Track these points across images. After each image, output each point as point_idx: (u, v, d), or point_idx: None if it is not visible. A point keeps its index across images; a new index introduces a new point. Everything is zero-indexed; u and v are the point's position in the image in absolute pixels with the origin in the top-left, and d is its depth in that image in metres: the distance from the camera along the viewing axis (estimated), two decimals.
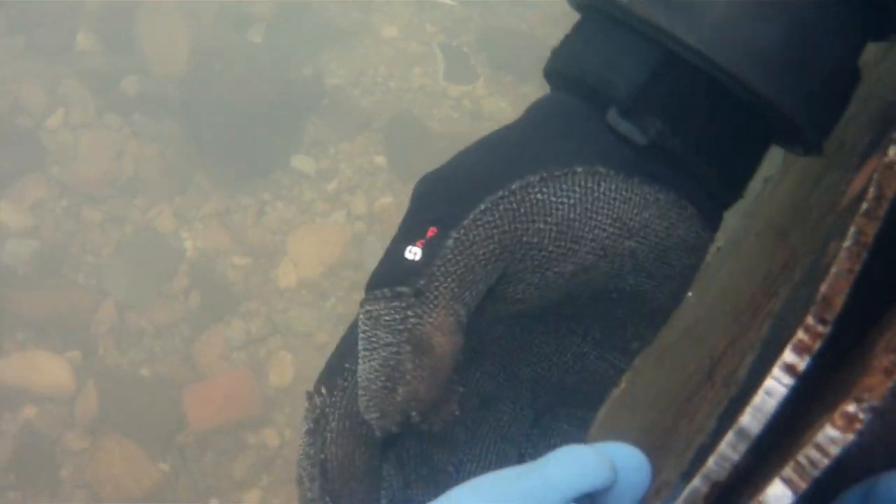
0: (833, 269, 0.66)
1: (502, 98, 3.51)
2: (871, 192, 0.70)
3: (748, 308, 1.00)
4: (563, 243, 0.91)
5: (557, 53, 1.04)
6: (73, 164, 3.40)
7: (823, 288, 0.66)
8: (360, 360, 0.86)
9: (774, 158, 1.45)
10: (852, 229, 0.68)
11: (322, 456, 0.84)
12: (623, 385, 1.87)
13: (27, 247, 3.21)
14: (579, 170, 0.90)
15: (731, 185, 0.97)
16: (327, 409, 0.84)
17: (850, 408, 0.60)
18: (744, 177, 0.97)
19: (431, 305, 0.84)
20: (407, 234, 0.87)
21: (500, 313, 0.93)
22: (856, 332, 0.73)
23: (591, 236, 0.91)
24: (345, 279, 3.08)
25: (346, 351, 0.88)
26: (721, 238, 1.71)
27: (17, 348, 3.04)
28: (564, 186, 0.89)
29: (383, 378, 0.83)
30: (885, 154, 0.72)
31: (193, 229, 3.24)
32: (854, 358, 0.71)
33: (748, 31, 0.88)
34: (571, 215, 0.89)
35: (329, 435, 0.85)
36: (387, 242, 2.47)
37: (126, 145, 3.43)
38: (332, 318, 3.01)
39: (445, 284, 0.86)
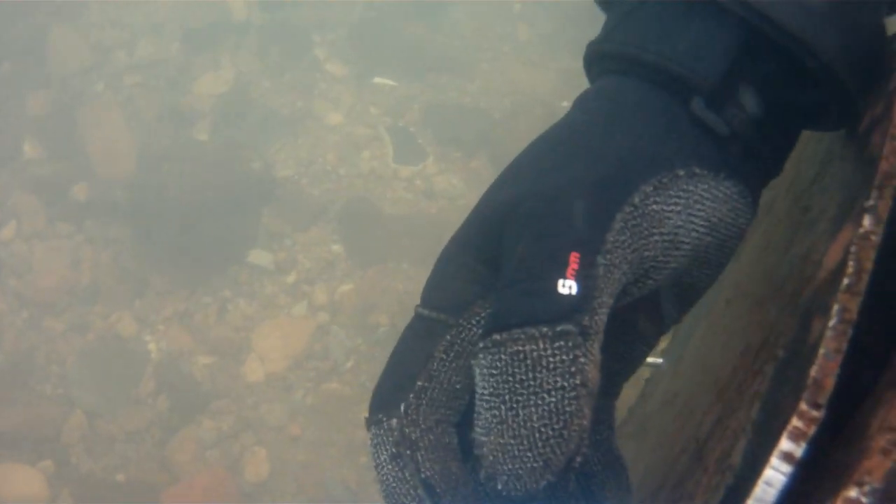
0: (821, 350, 0.70)
1: (453, 175, 3.65)
2: (851, 266, 0.75)
3: (731, 385, 1.06)
4: (669, 251, 0.98)
5: (614, 36, 1.10)
6: (30, 275, 3.52)
7: (814, 371, 0.73)
8: (506, 407, 0.87)
9: None
10: (836, 306, 0.71)
11: (423, 475, 0.83)
12: None
13: None
14: (681, 173, 0.95)
15: (777, 168, 1.06)
16: (407, 430, 0.83)
17: (852, 492, 0.63)
18: (786, 156, 1.06)
19: (592, 341, 0.88)
20: (543, 263, 0.86)
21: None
22: (846, 408, 0.76)
23: (688, 240, 0.96)
24: (311, 370, 3.20)
25: (400, 372, 0.88)
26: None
27: None
28: (672, 193, 0.94)
29: (559, 425, 0.82)
30: (861, 224, 0.77)
31: (156, 332, 3.36)
32: (850, 433, 0.75)
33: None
34: (678, 222, 0.95)
35: (420, 454, 0.84)
36: (350, 331, 2.64)
37: (80, 253, 3.56)
38: (303, 409, 3.13)
39: (601, 317, 0.90)
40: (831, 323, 0.73)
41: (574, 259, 0.82)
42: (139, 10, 4.18)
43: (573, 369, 0.80)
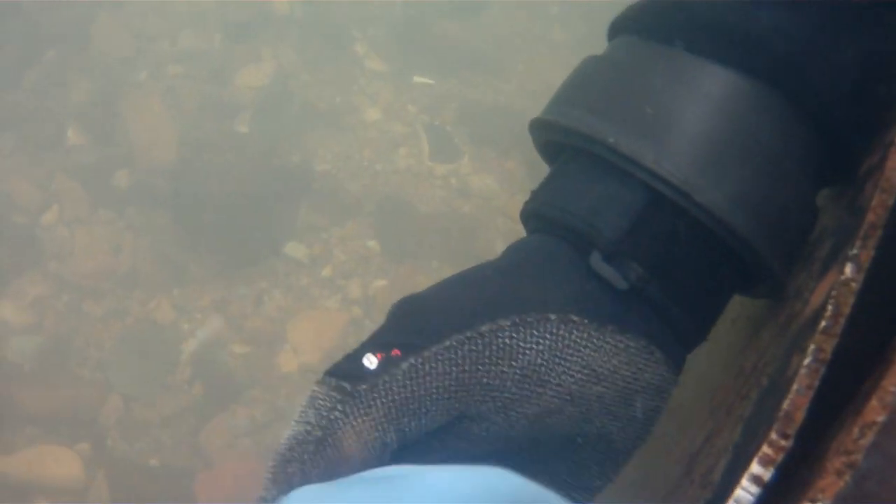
0: (794, 386, 0.79)
1: (488, 174, 3.68)
2: (830, 309, 0.83)
3: (722, 405, 1.12)
4: (527, 386, 1.02)
5: (538, 196, 1.18)
6: (71, 259, 3.56)
7: (786, 405, 0.80)
8: (290, 428, 1.03)
9: None
10: (811, 347, 0.81)
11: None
12: None
13: (31, 343, 3.37)
14: (552, 317, 1.02)
15: (698, 329, 1.11)
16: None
17: None
18: (710, 322, 1.12)
19: (361, 412, 0.97)
20: (374, 343, 1.03)
21: (466, 452, 1.05)
22: (817, 433, 0.85)
23: (557, 381, 1.03)
24: None
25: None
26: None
27: (27, 443, 3.18)
28: (536, 333, 1.01)
29: (286, 448, 0.96)
30: (843, 271, 0.85)
31: (193, 320, 3.39)
32: (813, 459, 0.81)
33: (727, 172, 1.03)
34: (539, 360, 1.01)
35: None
36: None
37: (121, 239, 3.60)
38: None
39: (383, 401, 0.98)
40: (806, 361, 0.82)
41: (396, 352, 1.00)
42: (182, 0, 4.21)
43: (323, 415, 0.99)
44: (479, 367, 0.99)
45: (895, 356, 0.81)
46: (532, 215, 1.19)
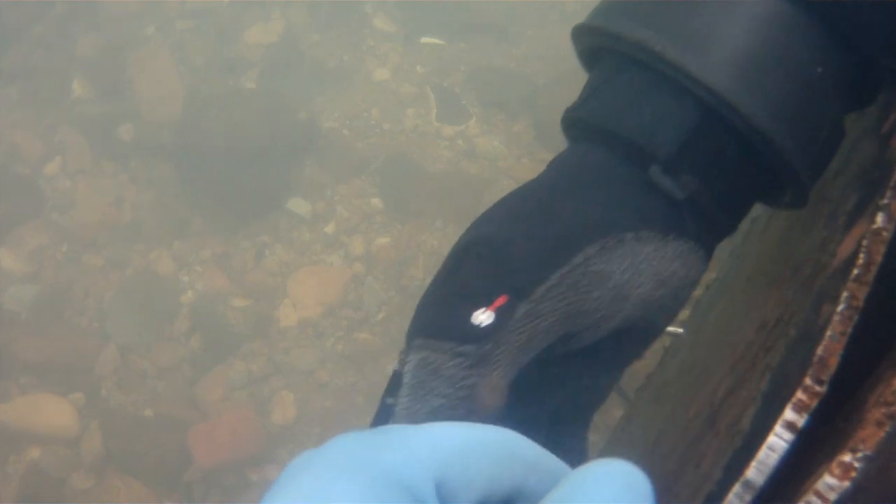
0: (828, 332, 0.76)
1: (495, 137, 3.64)
2: (862, 258, 0.80)
3: (745, 357, 1.09)
4: (615, 304, 1.04)
5: (587, 104, 1.17)
6: (73, 210, 3.54)
7: (820, 350, 0.75)
8: (406, 397, 0.98)
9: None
10: (845, 294, 0.78)
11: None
12: (619, 422, 1.99)
13: (29, 292, 3.35)
14: (628, 236, 1.04)
15: (731, 228, 1.13)
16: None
17: (846, 458, 0.68)
18: (739, 221, 1.14)
19: (492, 368, 0.96)
20: (474, 296, 0.99)
21: (542, 358, 1.05)
22: (850, 384, 0.81)
23: (636, 293, 1.05)
24: (344, 319, 3.20)
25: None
26: (713, 270, 1.83)
27: (21, 392, 3.17)
28: (618, 254, 1.03)
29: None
30: (874, 221, 0.82)
31: (193, 272, 3.37)
32: (848, 409, 0.79)
33: (767, 87, 1.03)
34: (623, 279, 1.03)
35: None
36: (384, 283, 2.66)
37: (124, 191, 3.57)
38: (333, 356, 3.13)
39: (508, 352, 0.97)
40: (839, 308, 0.79)
41: (501, 300, 0.97)
42: None
43: (461, 384, 0.96)
44: (579, 297, 1.02)
45: None
46: (580, 124, 1.18)
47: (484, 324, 0.97)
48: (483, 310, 0.98)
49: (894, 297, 0.83)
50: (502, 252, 1.02)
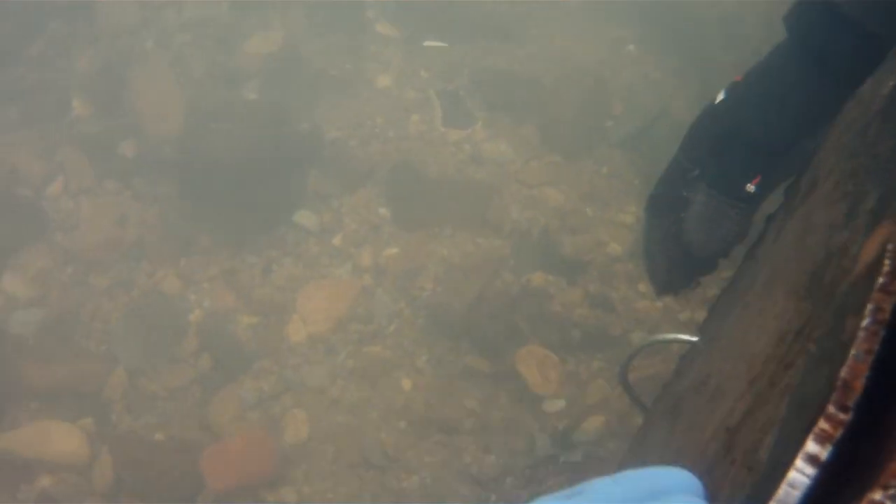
0: (852, 352, 0.66)
1: (502, 141, 3.57)
2: (888, 264, 0.71)
3: (763, 374, 1.00)
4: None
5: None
6: (77, 231, 3.47)
7: (843, 372, 0.67)
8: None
9: (777, 199, 1.52)
10: (870, 306, 0.68)
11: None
12: (637, 433, 1.91)
13: (35, 316, 3.28)
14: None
15: None
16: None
17: (877, 496, 0.61)
18: None
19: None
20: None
21: None
22: (879, 407, 0.71)
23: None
24: (354, 333, 3.13)
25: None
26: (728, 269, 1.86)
27: (30, 418, 3.10)
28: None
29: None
30: None
31: (200, 290, 3.30)
32: (877, 436, 0.71)
33: None
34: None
35: None
36: (394, 295, 2.66)
37: (128, 210, 3.50)
38: (344, 372, 3.06)
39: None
40: (864, 323, 0.70)
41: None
42: None
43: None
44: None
45: None
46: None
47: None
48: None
49: None
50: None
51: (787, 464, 0.66)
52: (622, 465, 1.80)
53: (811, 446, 0.65)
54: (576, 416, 2.93)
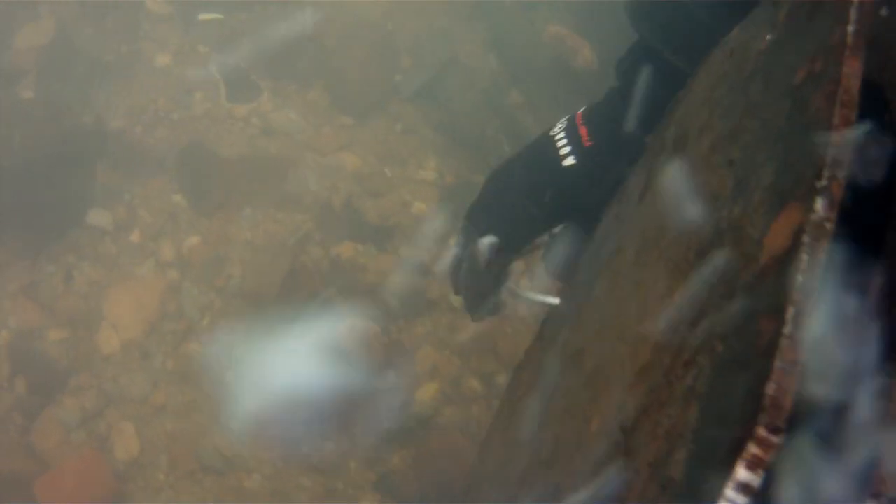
0: (776, 363, 0.60)
1: (290, 109, 3.46)
2: (805, 260, 0.65)
3: (656, 366, 0.92)
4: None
5: None
6: None
7: (771, 389, 0.59)
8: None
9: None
10: (791, 310, 0.62)
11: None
12: (499, 410, 1.83)
13: None
14: None
15: None
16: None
17: None
18: None
19: None
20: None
21: None
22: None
23: None
24: (167, 333, 3.01)
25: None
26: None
27: None
28: None
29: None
30: (812, 208, 0.68)
31: (2, 309, 3.10)
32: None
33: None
34: None
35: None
36: (202, 286, 2.55)
37: None
38: (164, 375, 2.95)
39: None
40: (787, 329, 0.62)
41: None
42: None
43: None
44: None
45: None
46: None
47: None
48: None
49: None
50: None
51: (711, 489, 0.60)
52: (489, 438, 1.76)
53: (742, 473, 0.59)
54: (408, 387, 2.86)
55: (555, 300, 1.71)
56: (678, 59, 1.41)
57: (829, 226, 0.66)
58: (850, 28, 0.79)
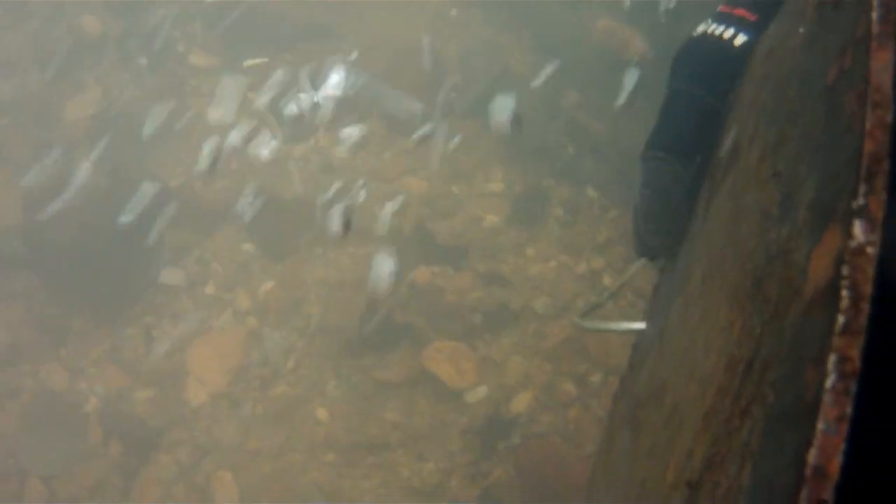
0: (819, 424, 0.53)
1: (348, 141, 3.43)
2: (846, 295, 0.57)
3: (718, 411, 0.88)
4: None
5: None
6: None
7: (812, 457, 0.54)
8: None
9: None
10: (832, 357, 0.56)
11: None
12: (602, 437, 1.83)
13: None
14: None
15: None
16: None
17: None
18: None
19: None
20: None
21: None
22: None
23: None
24: (253, 379, 3.00)
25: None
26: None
27: None
28: None
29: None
30: (850, 233, 0.60)
31: (89, 377, 3.13)
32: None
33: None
34: None
35: None
36: (283, 330, 2.53)
37: None
38: (255, 421, 2.94)
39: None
40: (829, 381, 0.55)
41: None
42: None
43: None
44: None
45: None
46: None
47: None
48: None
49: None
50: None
51: None
52: (594, 472, 1.74)
53: None
54: (501, 399, 2.83)
55: (641, 325, 1.70)
56: None
57: (871, 251, 0.59)
58: (875, 15, 0.73)
